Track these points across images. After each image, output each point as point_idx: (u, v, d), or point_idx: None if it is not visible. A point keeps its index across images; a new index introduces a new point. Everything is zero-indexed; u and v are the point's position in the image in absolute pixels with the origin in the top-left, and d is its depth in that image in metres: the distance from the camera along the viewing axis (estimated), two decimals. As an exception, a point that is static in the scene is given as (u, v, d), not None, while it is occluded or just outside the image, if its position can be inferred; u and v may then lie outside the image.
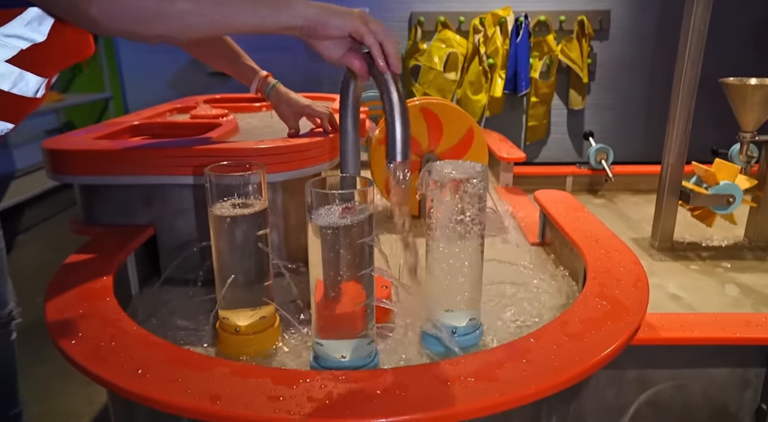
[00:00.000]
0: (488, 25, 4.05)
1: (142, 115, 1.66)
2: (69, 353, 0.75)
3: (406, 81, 4.23)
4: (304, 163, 1.20)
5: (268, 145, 1.18)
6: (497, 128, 4.29)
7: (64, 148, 1.19)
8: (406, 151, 0.84)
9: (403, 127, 0.84)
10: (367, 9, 4.07)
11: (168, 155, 1.17)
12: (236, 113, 1.79)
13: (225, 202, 0.93)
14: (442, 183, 0.86)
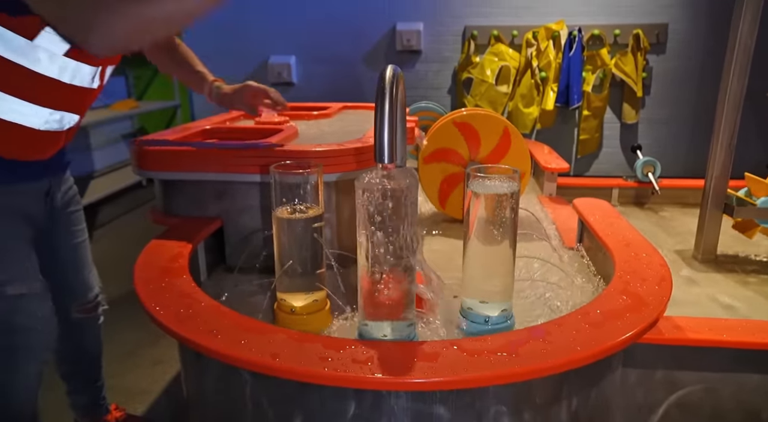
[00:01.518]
0: (541, 39, 4.09)
1: (212, 120, 1.84)
2: (156, 317, 0.89)
3: (458, 93, 4.32)
4: (356, 165, 1.32)
5: (324, 148, 1.31)
6: (548, 141, 4.31)
7: (149, 148, 1.36)
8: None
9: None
10: (421, 24, 4.20)
11: (236, 155, 1.32)
12: (296, 120, 1.94)
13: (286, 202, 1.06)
14: (478, 193, 0.95)
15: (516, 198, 0.96)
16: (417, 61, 4.37)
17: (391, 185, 0.86)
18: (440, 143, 1.72)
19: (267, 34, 4.44)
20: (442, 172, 1.74)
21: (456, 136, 1.70)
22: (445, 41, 4.31)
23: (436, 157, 1.73)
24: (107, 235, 3.48)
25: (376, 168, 0.88)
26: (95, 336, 1.55)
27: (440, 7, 4.24)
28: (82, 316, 1.47)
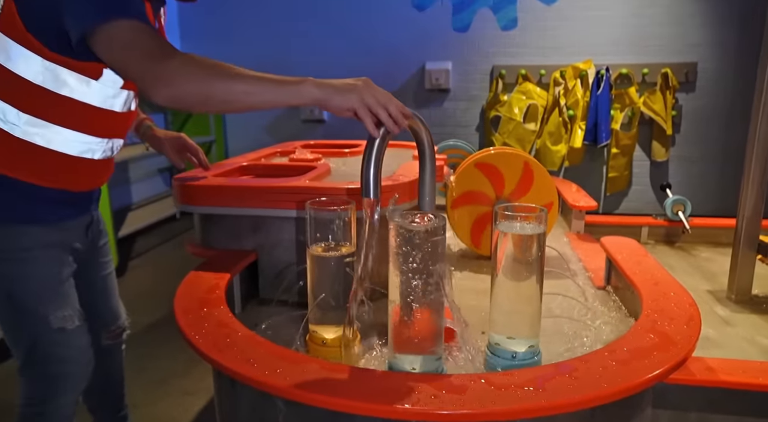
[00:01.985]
0: (569, 78, 4.15)
1: (248, 157, 1.92)
2: (195, 344, 0.94)
3: (486, 131, 4.38)
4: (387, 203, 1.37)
5: (355, 186, 1.36)
6: (577, 178, 4.31)
7: (190, 183, 1.43)
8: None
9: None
10: (450, 63, 4.29)
11: (271, 191, 1.38)
12: (328, 157, 2.01)
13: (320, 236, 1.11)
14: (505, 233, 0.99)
15: (542, 237, 0.98)
16: (445, 99, 4.46)
17: (421, 226, 0.90)
18: (466, 186, 1.76)
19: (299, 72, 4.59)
20: (472, 214, 1.77)
21: (480, 178, 1.73)
22: (473, 80, 4.40)
23: (464, 200, 1.76)
24: (142, 266, 3.59)
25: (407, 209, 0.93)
26: (120, 362, 1.60)
27: (469, 47, 4.35)
28: (111, 342, 1.52)
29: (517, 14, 4.23)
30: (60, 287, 1.20)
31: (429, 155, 1.12)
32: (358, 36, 4.45)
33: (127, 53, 0.97)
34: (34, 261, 1.16)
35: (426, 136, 1.11)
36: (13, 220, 1.14)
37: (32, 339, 1.19)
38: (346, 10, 4.43)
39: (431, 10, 4.33)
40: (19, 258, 1.15)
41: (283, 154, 2.07)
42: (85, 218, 1.31)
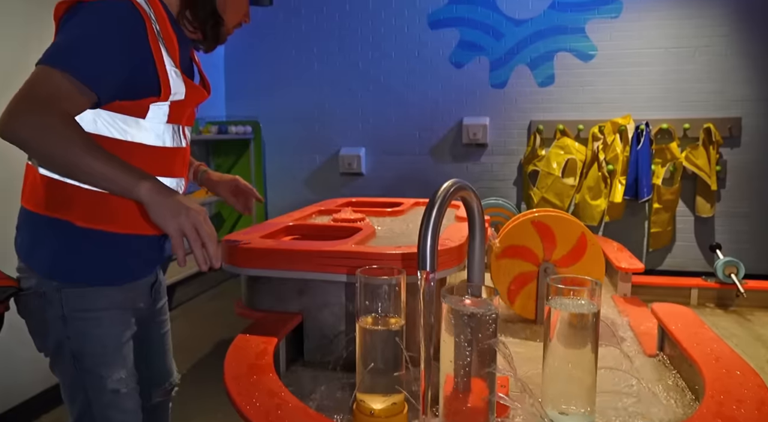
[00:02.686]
0: (608, 133, 4.14)
1: (293, 216, 1.96)
2: (246, 415, 0.93)
3: (524, 185, 4.37)
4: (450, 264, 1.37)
5: (403, 251, 1.37)
6: (617, 233, 4.23)
7: (239, 245, 1.46)
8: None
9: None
10: (487, 118, 4.34)
11: (319, 255, 1.40)
12: (371, 217, 2.03)
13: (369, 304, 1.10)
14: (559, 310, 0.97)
15: (597, 315, 0.96)
16: (483, 153, 4.49)
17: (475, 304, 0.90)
18: (515, 240, 1.75)
19: (339, 126, 4.73)
20: (514, 269, 1.75)
21: (532, 235, 1.72)
22: (511, 135, 4.44)
23: (510, 253, 1.75)
24: (180, 316, 3.63)
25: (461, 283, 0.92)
26: (167, 418, 1.59)
27: (506, 103, 4.40)
28: (161, 399, 1.52)
29: (554, 71, 4.29)
30: (120, 350, 1.21)
31: (479, 227, 1.12)
32: (396, 90, 4.57)
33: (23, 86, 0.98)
34: (99, 322, 1.17)
35: (477, 208, 1.12)
36: (83, 281, 1.15)
37: (87, 399, 1.19)
38: (385, 66, 4.57)
39: (469, 67, 4.43)
40: (86, 318, 1.16)
41: (326, 213, 2.10)
42: (150, 278, 1.34)
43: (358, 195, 4.70)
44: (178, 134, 1.26)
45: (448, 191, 1.03)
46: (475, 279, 1.13)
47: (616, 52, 4.15)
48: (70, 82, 0.99)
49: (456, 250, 1.45)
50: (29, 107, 0.96)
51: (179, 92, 1.19)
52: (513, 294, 1.78)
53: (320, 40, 4.67)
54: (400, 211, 2.12)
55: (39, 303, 1.15)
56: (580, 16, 4.19)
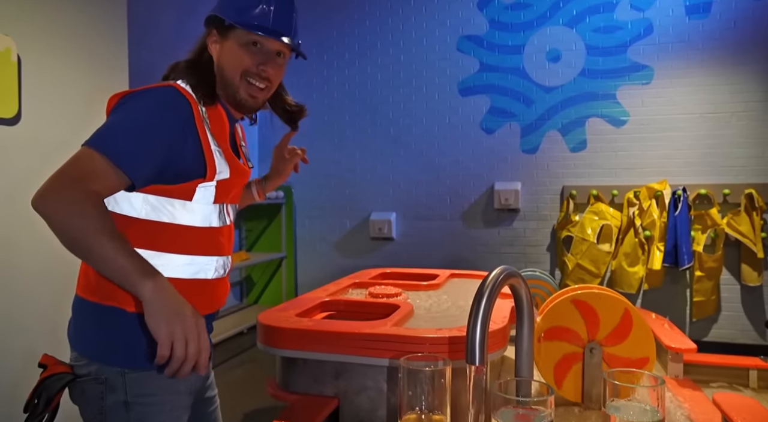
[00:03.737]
0: (643, 198, 4.06)
1: (327, 290, 1.92)
2: None
3: (558, 251, 4.28)
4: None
5: (445, 334, 1.31)
6: (657, 302, 4.07)
7: (275, 325, 1.43)
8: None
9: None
10: (519, 183, 4.31)
11: (357, 338, 1.35)
12: (406, 290, 1.98)
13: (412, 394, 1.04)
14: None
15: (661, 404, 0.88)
16: (515, 218, 4.44)
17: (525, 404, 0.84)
18: (556, 321, 1.67)
19: (370, 191, 4.76)
20: (559, 351, 1.66)
21: (573, 315, 1.64)
22: (543, 200, 4.39)
23: (552, 335, 1.66)
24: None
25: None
26: None
27: (538, 168, 4.39)
28: None
29: (586, 136, 4.28)
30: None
31: (528, 317, 1.07)
32: (427, 155, 4.60)
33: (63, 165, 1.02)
34: (161, 407, 1.14)
35: (526, 296, 1.07)
36: (146, 366, 1.11)
37: None
38: (416, 132, 4.63)
39: (500, 133, 4.46)
40: (149, 403, 1.13)
41: (361, 286, 2.06)
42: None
43: (388, 259, 4.66)
44: (224, 213, 1.27)
45: (497, 280, 0.99)
46: (524, 371, 1.07)
47: (648, 117, 4.13)
48: (107, 164, 1.01)
49: (499, 333, 1.38)
50: (60, 183, 0.99)
51: (224, 172, 1.20)
52: (559, 377, 1.68)
53: (352, 107, 4.79)
54: (436, 284, 2.06)
55: (98, 390, 1.12)
56: (610, 82, 4.21)
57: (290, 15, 1.25)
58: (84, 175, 1.00)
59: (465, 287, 2.10)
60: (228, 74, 1.21)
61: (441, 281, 2.12)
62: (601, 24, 4.22)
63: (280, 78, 1.29)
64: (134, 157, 1.04)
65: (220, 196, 1.22)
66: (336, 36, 4.81)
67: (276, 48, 1.22)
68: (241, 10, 1.18)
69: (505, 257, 4.45)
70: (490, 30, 4.47)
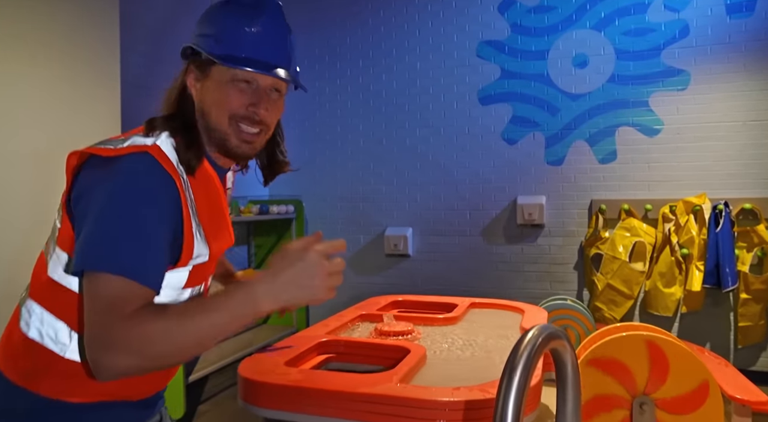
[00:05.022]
0: (680, 213, 3.74)
1: (329, 325, 1.67)
2: None
3: (586, 270, 3.97)
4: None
5: (464, 397, 1.05)
6: (696, 326, 3.74)
7: (257, 378, 1.18)
8: None
9: None
10: (544, 197, 4.01)
11: (355, 398, 1.09)
12: (419, 325, 1.72)
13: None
14: None
15: None
16: (539, 234, 4.14)
17: None
18: (615, 353, 1.40)
19: (385, 205, 4.51)
20: (598, 386, 1.39)
21: (640, 355, 1.37)
22: (570, 215, 4.09)
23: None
24: (211, 411, 3.32)
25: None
26: None
27: (564, 181, 4.10)
28: None
29: (616, 146, 3.98)
30: None
31: (573, 390, 0.80)
32: (446, 168, 4.34)
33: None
34: None
35: (572, 365, 0.80)
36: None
37: None
38: (434, 143, 4.38)
39: (523, 143, 4.19)
40: None
41: (369, 318, 1.81)
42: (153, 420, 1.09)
43: (404, 277, 4.39)
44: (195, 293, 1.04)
45: (534, 345, 0.72)
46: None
47: (685, 125, 3.82)
48: (125, 282, 0.83)
49: (530, 394, 1.12)
50: (108, 333, 0.81)
51: (202, 255, 0.98)
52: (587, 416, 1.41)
53: (366, 116, 4.56)
54: (454, 318, 1.80)
55: None
56: (642, 89, 3.91)
57: (283, 38, 1.02)
58: (114, 307, 0.82)
59: (487, 320, 1.83)
60: (213, 119, 0.99)
61: (460, 313, 1.86)
62: (632, 26, 3.93)
63: (277, 117, 1.06)
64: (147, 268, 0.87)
65: (194, 280, 1.00)
66: (349, 43, 4.60)
67: (269, 84, 1.00)
68: (223, 39, 0.96)
69: (529, 275, 4.15)
70: (512, 34, 4.21)
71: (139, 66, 3.28)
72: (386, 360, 1.41)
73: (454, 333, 1.65)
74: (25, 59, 2.04)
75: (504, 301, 2.03)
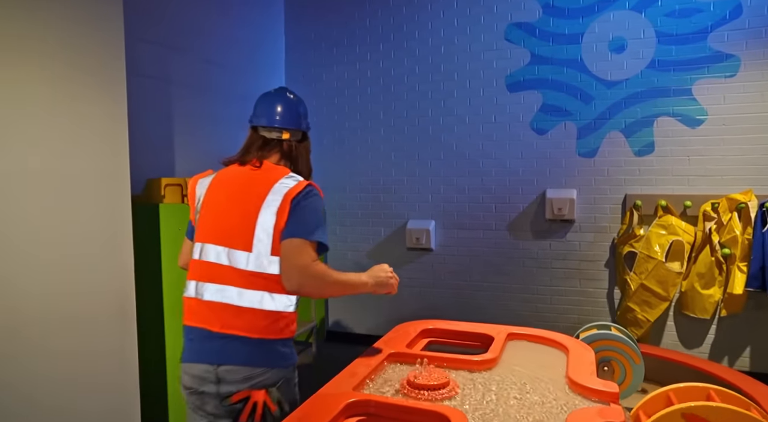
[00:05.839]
0: (723, 211, 3.51)
1: (357, 374, 1.52)
2: None
3: (618, 269, 3.78)
4: None
5: None
6: (736, 330, 3.55)
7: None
8: None
9: None
10: (575, 191, 3.76)
11: None
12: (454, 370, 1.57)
13: None
14: None
15: None
16: (569, 230, 3.95)
17: None
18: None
19: (407, 197, 4.33)
20: None
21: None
22: (602, 210, 3.88)
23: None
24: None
25: None
26: None
27: (597, 175, 3.87)
28: None
29: (653, 138, 3.73)
30: None
31: None
32: (471, 159, 4.13)
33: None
34: None
35: None
36: None
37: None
38: (458, 132, 4.16)
39: (553, 134, 3.95)
40: None
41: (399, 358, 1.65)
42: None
43: (426, 272, 4.24)
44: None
45: None
46: None
47: (731, 116, 3.54)
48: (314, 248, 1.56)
49: None
50: (322, 275, 1.56)
51: None
52: None
53: (387, 103, 4.34)
54: (492, 360, 1.63)
55: None
56: (685, 76, 3.63)
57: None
58: (324, 270, 1.58)
59: (528, 361, 1.67)
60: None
61: (497, 351, 1.69)
62: (676, 7, 3.63)
63: None
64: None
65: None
66: (369, 25, 4.34)
67: None
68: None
69: (557, 272, 3.97)
70: (544, 16, 3.92)
71: (145, 53, 3.10)
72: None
73: (494, 384, 1.49)
74: (24, 57, 1.87)
75: (545, 333, 1.86)
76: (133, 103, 3.04)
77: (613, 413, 1.24)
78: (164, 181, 3.01)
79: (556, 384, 1.47)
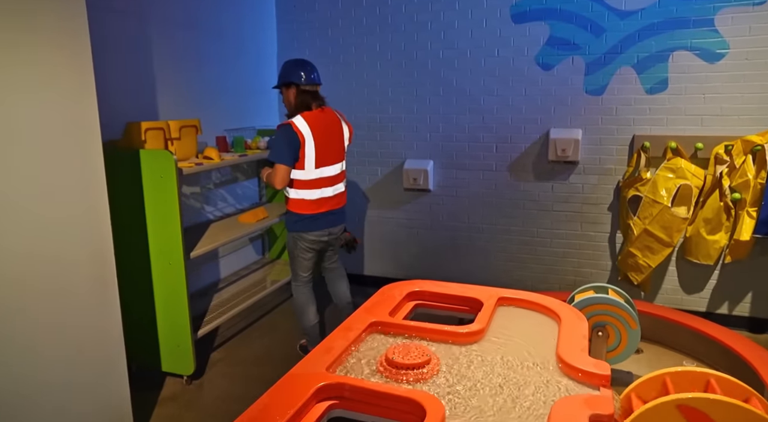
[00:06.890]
0: (737, 154, 3.32)
1: (334, 347, 1.44)
2: None
3: (621, 212, 3.65)
4: None
5: None
6: (739, 276, 3.47)
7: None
8: None
9: None
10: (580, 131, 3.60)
11: None
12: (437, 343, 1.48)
13: None
14: None
15: None
16: (572, 172, 3.78)
17: None
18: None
19: (404, 136, 4.15)
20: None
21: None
22: (608, 152, 3.69)
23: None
24: (223, 359, 3.26)
25: None
26: None
27: (604, 114, 3.65)
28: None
29: (668, 74, 3.48)
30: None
31: None
32: (471, 95, 3.90)
33: None
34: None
35: None
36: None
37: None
38: (459, 66, 3.91)
39: (559, 69, 3.69)
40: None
41: (379, 327, 1.57)
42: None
43: (423, 213, 4.13)
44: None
45: None
46: None
47: (756, 49, 3.27)
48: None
49: None
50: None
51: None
52: None
53: (384, 36, 4.05)
54: (479, 331, 1.54)
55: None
56: (708, 4, 3.32)
57: None
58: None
59: (517, 329, 1.58)
60: None
61: (484, 322, 1.60)
62: (703, -75, 3.27)
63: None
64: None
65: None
66: (364, -54, 3.98)
67: None
68: None
69: (558, 215, 3.85)
70: (555, -64, 3.55)
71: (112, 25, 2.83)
72: (397, 413, 1.19)
73: (480, 357, 1.41)
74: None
75: (537, 298, 1.77)
76: (105, 42, 2.82)
77: (602, 402, 1.15)
78: (144, 124, 2.84)
79: (544, 365, 1.38)
